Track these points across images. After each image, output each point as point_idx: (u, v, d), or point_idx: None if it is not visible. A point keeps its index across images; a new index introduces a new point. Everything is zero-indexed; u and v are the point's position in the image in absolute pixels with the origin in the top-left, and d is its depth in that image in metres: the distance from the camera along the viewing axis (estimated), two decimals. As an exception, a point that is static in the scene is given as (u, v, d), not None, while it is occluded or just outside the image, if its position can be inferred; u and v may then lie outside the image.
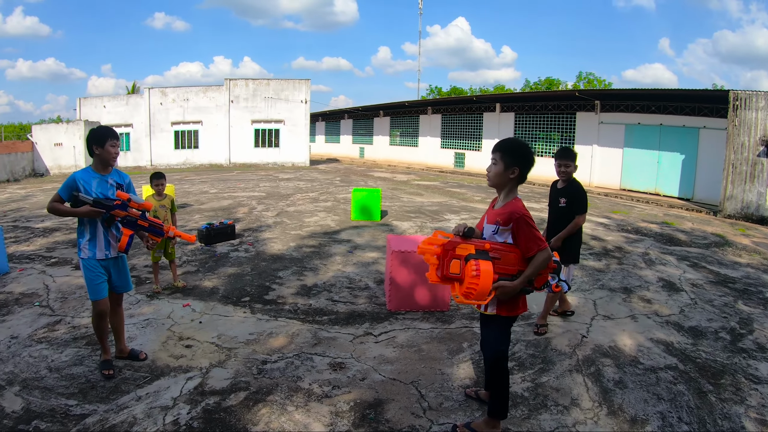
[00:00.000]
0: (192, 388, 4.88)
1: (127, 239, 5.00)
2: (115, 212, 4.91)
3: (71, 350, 5.66)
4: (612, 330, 6.56)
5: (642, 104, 22.79)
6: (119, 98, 39.13)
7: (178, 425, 4.24)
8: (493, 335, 4.09)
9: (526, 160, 3.89)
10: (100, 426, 4.19)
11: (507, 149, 3.89)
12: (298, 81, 39.93)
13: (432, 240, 3.74)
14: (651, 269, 9.61)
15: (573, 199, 6.32)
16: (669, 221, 15.58)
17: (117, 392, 4.78)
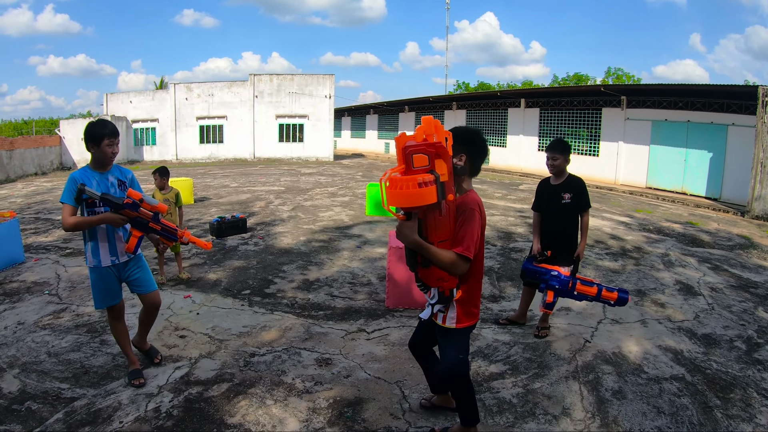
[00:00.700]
0: (178, 378, 4.90)
1: (136, 241, 4.63)
2: (125, 212, 4.47)
3: (72, 337, 5.80)
4: (618, 335, 6.28)
5: (669, 100, 22.21)
6: (145, 93, 39.43)
7: (159, 412, 4.30)
8: (453, 347, 3.75)
9: (476, 148, 3.56)
10: (86, 409, 4.30)
11: (459, 137, 3.47)
12: (322, 76, 39.85)
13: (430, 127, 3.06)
14: (669, 271, 9.27)
15: (579, 194, 5.99)
16: (693, 221, 15.15)
17: (108, 378, 4.88)
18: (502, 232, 12.08)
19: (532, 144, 30.01)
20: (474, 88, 63.73)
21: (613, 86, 25.19)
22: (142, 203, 4.53)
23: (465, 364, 3.77)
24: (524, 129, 30.18)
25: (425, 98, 38.98)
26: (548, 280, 5.29)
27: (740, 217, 16.96)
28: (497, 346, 5.85)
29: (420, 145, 2.98)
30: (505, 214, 14.68)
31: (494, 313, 6.92)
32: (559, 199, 6.05)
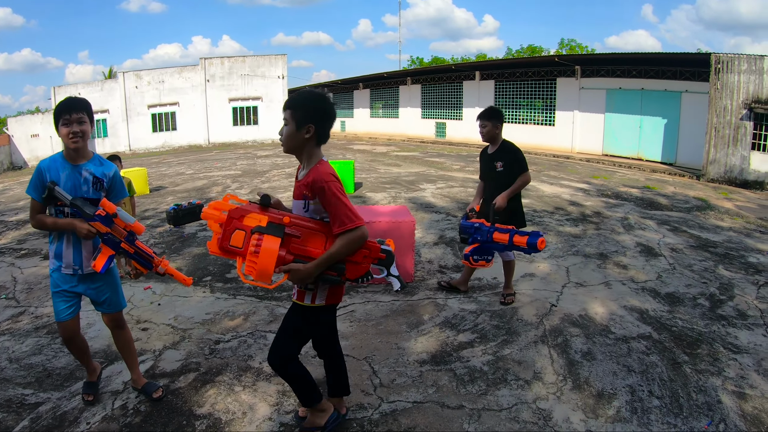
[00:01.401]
0: (143, 371, 4.63)
1: (105, 259, 3.79)
2: (96, 225, 3.69)
3: (32, 340, 5.46)
4: (583, 298, 6.26)
5: (623, 69, 22.44)
6: (94, 84, 38.44)
7: (126, 409, 4.09)
8: (297, 326, 3.47)
9: (322, 114, 3.19)
10: (52, 413, 4.07)
11: (297, 105, 3.16)
12: (274, 57, 39.38)
13: (219, 205, 3.11)
14: (629, 234, 9.33)
15: (511, 161, 5.87)
16: (651, 186, 15.35)
17: (71, 379, 4.62)
18: (462, 203, 12.00)
19: (488, 117, 29.75)
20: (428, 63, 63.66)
21: (568, 56, 25.42)
22: (115, 218, 3.77)
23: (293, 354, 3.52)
24: (480, 101, 30.05)
25: (380, 74, 38.81)
26: (472, 233, 5.36)
27: (696, 181, 17.26)
28: (464, 315, 5.76)
29: (224, 233, 3.04)
30: (464, 185, 14.62)
31: None
32: (493, 168, 5.98)
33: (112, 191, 4.00)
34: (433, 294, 6.41)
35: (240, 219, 3.06)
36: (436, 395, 4.15)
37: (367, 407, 4.04)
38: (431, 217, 10.65)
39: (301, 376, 3.49)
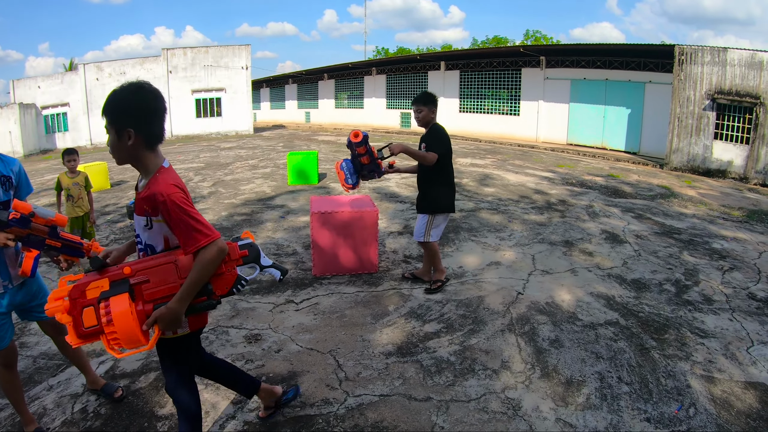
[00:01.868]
0: (102, 373, 4.45)
1: (31, 262, 3.45)
2: (13, 230, 3.32)
3: None
4: (550, 285, 6.21)
5: (587, 59, 22.56)
6: (54, 77, 37.47)
7: (86, 413, 3.94)
8: (169, 363, 3.07)
9: (139, 112, 2.70)
10: (11, 420, 3.89)
11: (108, 109, 2.71)
12: (237, 47, 38.86)
13: (57, 293, 2.60)
14: (594, 221, 9.32)
15: (431, 141, 5.82)
16: (615, 174, 15.42)
17: (30, 383, 4.40)
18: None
19: (453, 106, 30.10)
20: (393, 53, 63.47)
21: (533, 47, 25.43)
22: (33, 217, 3.40)
23: (187, 374, 3.20)
24: (445, 91, 30.16)
25: (344, 65, 38.55)
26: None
27: (659, 169, 17.41)
28: (429, 305, 5.66)
29: (75, 319, 2.55)
30: (430, 176, 14.53)
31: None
32: (422, 148, 5.97)
33: (20, 188, 3.68)
34: (398, 284, 6.30)
35: (82, 296, 2.60)
36: (402, 388, 4.05)
37: (333, 402, 3.92)
38: (395, 206, 10.53)
39: (193, 402, 3.16)
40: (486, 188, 12.53)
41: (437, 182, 5.88)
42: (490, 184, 13.01)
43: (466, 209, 10.17)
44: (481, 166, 16.59)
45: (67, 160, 7.33)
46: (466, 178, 14.03)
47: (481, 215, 9.66)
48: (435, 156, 5.69)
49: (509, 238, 8.19)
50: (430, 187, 5.90)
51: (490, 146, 23.45)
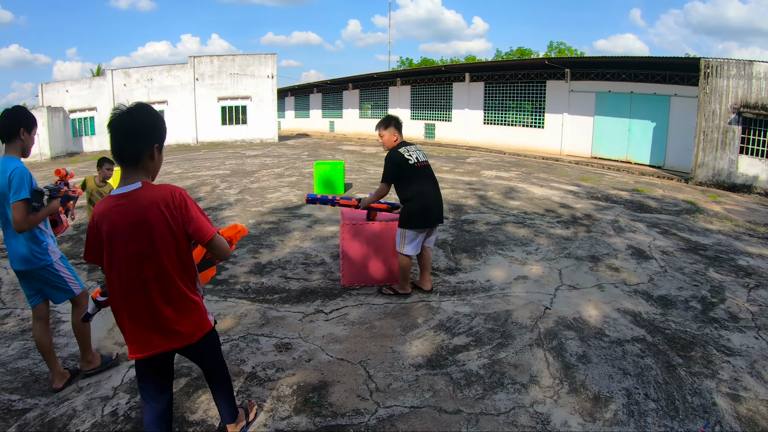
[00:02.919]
0: (133, 376, 4.50)
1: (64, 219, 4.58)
2: (61, 193, 4.33)
3: (18, 343, 5.34)
4: (577, 300, 6.25)
5: (612, 72, 22.47)
6: (82, 82, 37.96)
7: (116, 416, 4.00)
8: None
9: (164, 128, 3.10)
10: (40, 420, 3.98)
11: (158, 129, 3.05)
12: (263, 56, 39.16)
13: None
14: (620, 237, 9.32)
15: (383, 170, 6.12)
16: (640, 188, 15.35)
17: None
18: (453, 204, 11.97)
19: (477, 118, 30.10)
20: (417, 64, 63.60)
21: (558, 59, 25.42)
22: (67, 176, 4.54)
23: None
24: (469, 103, 30.29)
25: (369, 75, 38.70)
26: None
27: (684, 184, 17.29)
28: (458, 318, 5.73)
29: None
30: (454, 186, 14.57)
31: (452, 286, 6.77)
32: None
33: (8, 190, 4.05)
34: (426, 296, 6.37)
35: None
36: (432, 400, 4.11)
37: (364, 412, 3.99)
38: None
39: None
40: (511, 201, 12.56)
41: (407, 201, 6.03)
42: (515, 197, 13.04)
43: (492, 222, 10.22)
44: (506, 178, 16.62)
45: (107, 168, 7.51)
46: (491, 190, 14.08)
47: (507, 228, 9.70)
48: (384, 188, 6.08)
49: (536, 252, 8.24)
50: (403, 205, 6.10)
51: (515, 158, 23.42)
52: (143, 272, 2.92)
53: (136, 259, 2.90)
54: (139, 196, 2.87)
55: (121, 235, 2.86)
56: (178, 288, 3.03)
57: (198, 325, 3.15)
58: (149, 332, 3.00)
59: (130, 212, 2.86)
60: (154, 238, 2.88)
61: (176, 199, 2.91)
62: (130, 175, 2.94)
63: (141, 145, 2.92)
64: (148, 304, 2.96)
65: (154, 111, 3.04)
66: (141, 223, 2.86)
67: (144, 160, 2.95)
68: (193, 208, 2.98)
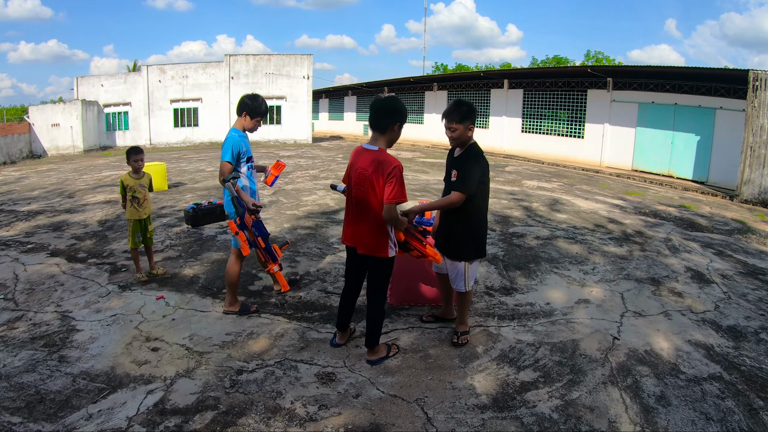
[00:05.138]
0: (151, 405, 4.07)
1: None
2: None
3: (26, 353, 4.92)
4: (645, 330, 5.75)
5: (656, 83, 21.82)
6: (117, 77, 38.15)
7: None
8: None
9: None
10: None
11: (401, 111, 4.81)
12: (300, 56, 39.03)
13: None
14: (676, 257, 8.81)
15: (463, 171, 4.89)
16: (686, 204, 14.77)
17: (67, 408, 4.04)
18: (498, 215, 11.51)
19: (515, 125, 29.62)
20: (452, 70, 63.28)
21: (600, 67, 24.80)
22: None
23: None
24: (507, 110, 29.81)
25: (405, 79, 38.44)
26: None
27: (729, 201, 16.63)
28: (521, 348, 5.23)
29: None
30: (497, 196, 14.09)
31: (510, 308, 6.26)
32: (449, 177, 5.09)
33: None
34: (484, 320, 5.88)
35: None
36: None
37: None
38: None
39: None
40: (558, 214, 12.09)
41: (474, 220, 5.06)
42: (561, 210, 12.56)
43: (542, 237, 9.76)
44: (548, 189, 16.15)
45: (134, 159, 7.05)
46: (535, 201, 13.63)
47: (559, 244, 9.23)
48: (461, 196, 4.86)
49: (593, 272, 7.75)
50: (455, 228, 5.04)
51: (554, 169, 22.89)
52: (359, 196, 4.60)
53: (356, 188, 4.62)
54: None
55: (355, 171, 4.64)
56: (375, 212, 4.50)
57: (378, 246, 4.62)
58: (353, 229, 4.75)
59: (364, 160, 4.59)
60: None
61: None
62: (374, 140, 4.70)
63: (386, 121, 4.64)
64: (356, 214, 4.68)
65: (399, 100, 4.76)
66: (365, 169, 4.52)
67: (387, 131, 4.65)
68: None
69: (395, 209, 4.42)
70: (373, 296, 4.81)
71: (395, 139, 4.73)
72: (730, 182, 18.17)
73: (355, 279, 5.04)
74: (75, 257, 8.23)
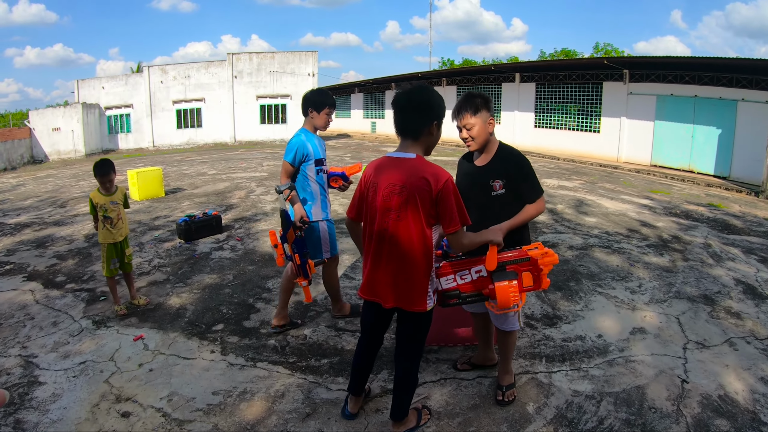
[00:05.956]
0: None
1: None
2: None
3: None
4: (713, 366, 4.83)
5: (674, 74, 20.97)
6: (118, 78, 37.61)
7: None
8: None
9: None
10: None
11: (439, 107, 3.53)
12: (304, 53, 38.27)
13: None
14: (721, 267, 7.93)
15: (517, 178, 3.87)
16: (715, 203, 13.89)
17: None
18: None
19: (528, 120, 28.83)
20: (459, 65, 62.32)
21: (617, 59, 23.87)
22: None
23: None
24: (519, 105, 29.05)
25: (413, 74, 37.52)
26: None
27: (756, 198, 15.75)
28: (580, 403, 4.19)
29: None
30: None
31: (558, 345, 5.24)
32: (487, 190, 3.91)
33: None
34: (530, 364, 4.82)
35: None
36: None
37: None
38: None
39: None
40: (586, 217, 11.20)
41: (524, 237, 4.03)
42: (588, 212, 11.67)
43: (576, 246, 8.85)
44: (570, 189, 15.27)
45: (101, 179, 6.02)
46: (559, 203, 12.76)
47: (596, 255, 8.33)
48: (542, 205, 3.97)
49: (640, 290, 6.82)
50: (523, 248, 3.73)
51: (571, 165, 22.07)
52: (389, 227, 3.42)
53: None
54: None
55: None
56: (414, 248, 3.38)
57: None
58: None
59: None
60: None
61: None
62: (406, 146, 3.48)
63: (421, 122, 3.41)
64: (383, 254, 3.45)
65: (431, 91, 3.42)
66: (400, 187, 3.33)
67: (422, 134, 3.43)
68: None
69: (466, 235, 3.41)
70: (405, 359, 3.56)
71: (434, 144, 3.52)
72: (753, 177, 17.52)
73: (376, 331, 3.77)
74: (52, 281, 7.35)
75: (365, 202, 3.49)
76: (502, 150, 3.97)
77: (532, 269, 3.55)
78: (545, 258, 3.55)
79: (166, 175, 16.21)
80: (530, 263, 3.55)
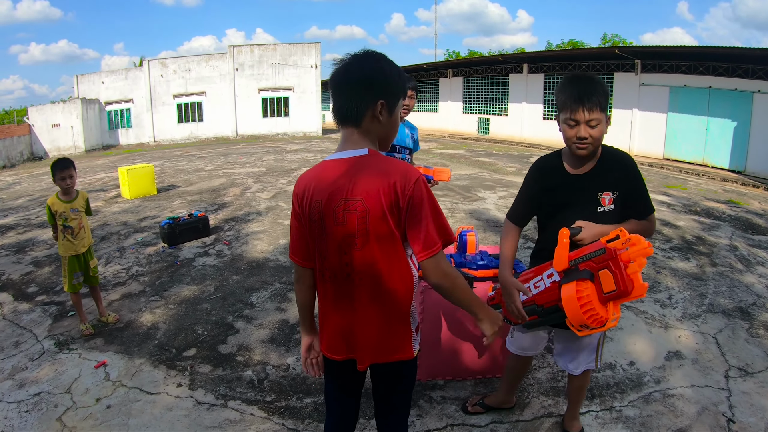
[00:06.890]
0: None
1: None
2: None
3: None
4: (759, 399, 4.13)
5: (688, 64, 20.31)
6: (118, 73, 37.09)
7: None
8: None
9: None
10: None
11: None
12: (306, 45, 37.67)
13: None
14: (751, 272, 7.29)
15: (631, 191, 2.97)
16: (734, 200, 13.25)
17: None
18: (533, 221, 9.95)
19: (536, 112, 28.24)
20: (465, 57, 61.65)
21: (629, 48, 23.15)
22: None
23: None
24: (527, 96, 28.47)
25: (419, 65, 37.10)
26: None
27: (773, 193, 15.04)
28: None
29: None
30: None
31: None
32: (591, 206, 2.97)
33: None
34: (553, 402, 4.04)
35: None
36: None
37: None
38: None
39: None
40: (603, 217, 10.42)
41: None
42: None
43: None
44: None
45: (60, 177, 5.25)
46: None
47: (618, 260, 7.58)
48: (654, 225, 3.09)
49: (670, 302, 6.13)
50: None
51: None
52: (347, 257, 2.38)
53: None
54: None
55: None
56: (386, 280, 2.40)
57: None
58: None
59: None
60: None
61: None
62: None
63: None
64: (345, 296, 2.44)
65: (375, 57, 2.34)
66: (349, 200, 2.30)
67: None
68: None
69: (446, 260, 2.26)
70: (391, 420, 2.66)
71: (389, 135, 2.39)
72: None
73: (350, 406, 2.73)
74: (24, 293, 6.73)
75: (310, 233, 2.37)
76: (608, 153, 3.03)
77: (612, 265, 2.47)
78: (631, 248, 2.42)
79: (163, 170, 15.60)
80: (607, 256, 2.50)
